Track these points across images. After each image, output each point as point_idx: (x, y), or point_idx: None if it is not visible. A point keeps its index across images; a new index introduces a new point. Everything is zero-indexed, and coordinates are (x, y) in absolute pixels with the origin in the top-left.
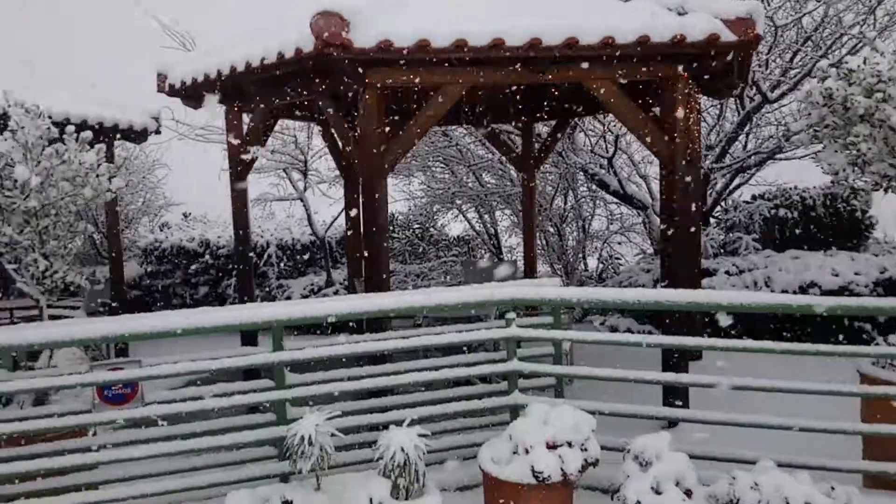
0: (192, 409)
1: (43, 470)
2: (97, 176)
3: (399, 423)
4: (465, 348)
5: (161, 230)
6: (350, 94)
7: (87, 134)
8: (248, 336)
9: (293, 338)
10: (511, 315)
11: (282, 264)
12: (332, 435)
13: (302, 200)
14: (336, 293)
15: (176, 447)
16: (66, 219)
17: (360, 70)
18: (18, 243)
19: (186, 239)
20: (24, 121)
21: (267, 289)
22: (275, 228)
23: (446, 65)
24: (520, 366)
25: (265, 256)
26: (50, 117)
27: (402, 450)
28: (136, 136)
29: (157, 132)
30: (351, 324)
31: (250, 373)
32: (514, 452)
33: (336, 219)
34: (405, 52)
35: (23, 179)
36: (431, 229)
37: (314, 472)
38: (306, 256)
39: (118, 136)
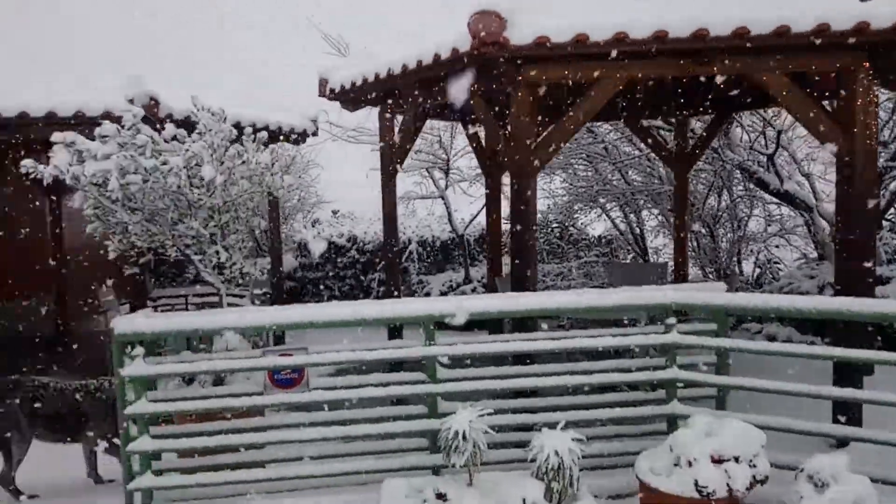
0: (351, 397)
1: (220, 446)
2: (271, 175)
3: (548, 425)
4: (614, 352)
5: (313, 226)
6: (502, 93)
7: (263, 135)
8: (395, 330)
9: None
10: (671, 320)
11: (422, 261)
12: (485, 432)
13: (443, 198)
14: (474, 290)
15: (336, 432)
16: (244, 214)
17: (514, 67)
18: (203, 236)
19: (336, 235)
20: (210, 124)
21: (408, 284)
22: (416, 226)
23: (603, 59)
24: (680, 374)
25: (406, 252)
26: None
27: (557, 453)
28: (297, 138)
29: (315, 134)
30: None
31: (396, 365)
32: (676, 464)
33: (475, 217)
34: (562, 47)
35: (209, 178)
36: (571, 228)
37: (467, 468)
38: (445, 253)
39: (281, 137)
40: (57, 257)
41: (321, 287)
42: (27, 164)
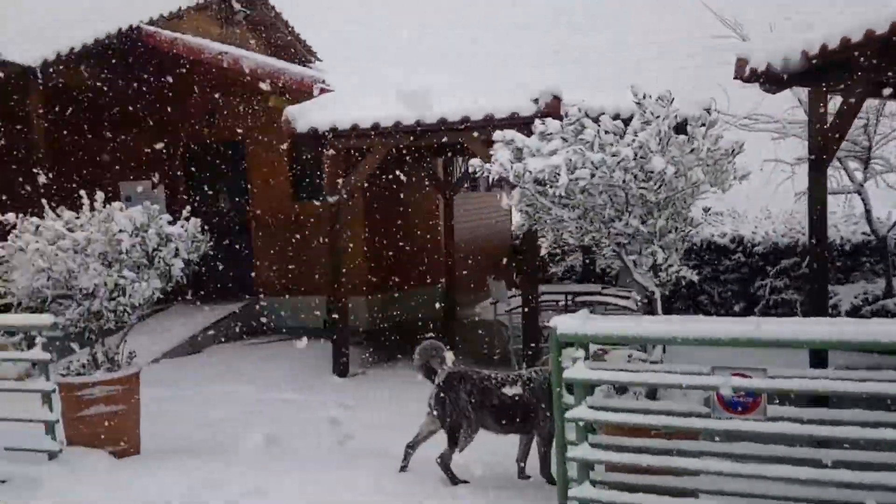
0: (831, 435)
1: (648, 465)
2: (728, 162)
3: None
4: None
5: None
6: None
7: (715, 117)
8: (819, 355)
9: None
10: None
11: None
12: None
13: (859, 193)
14: None
15: (804, 474)
16: (683, 210)
17: None
18: (641, 234)
19: (718, 234)
20: (657, 110)
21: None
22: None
23: None
24: None
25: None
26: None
27: None
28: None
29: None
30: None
31: (816, 400)
32: None
33: None
34: None
35: (659, 170)
36: None
37: None
38: (853, 259)
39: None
40: (448, 250)
41: (696, 291)
42: (474, 163)
